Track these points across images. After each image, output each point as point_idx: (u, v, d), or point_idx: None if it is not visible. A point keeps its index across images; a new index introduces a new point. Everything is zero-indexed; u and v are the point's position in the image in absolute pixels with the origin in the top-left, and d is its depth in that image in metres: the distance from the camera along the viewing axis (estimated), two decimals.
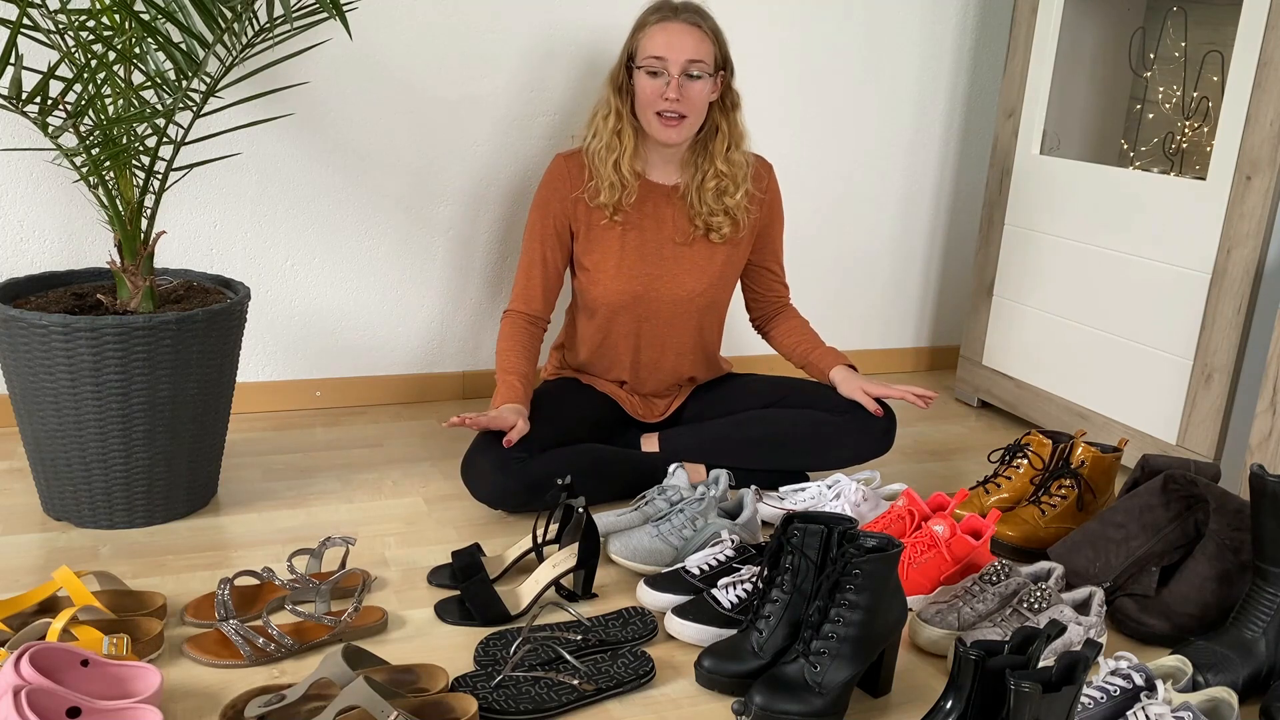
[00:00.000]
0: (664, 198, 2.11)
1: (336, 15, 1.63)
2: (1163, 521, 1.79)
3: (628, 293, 2.09)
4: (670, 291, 2.11)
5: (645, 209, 2.10)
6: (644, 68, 1.99)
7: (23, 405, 1.79)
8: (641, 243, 2.10)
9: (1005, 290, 2.70)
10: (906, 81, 2.84)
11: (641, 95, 2.01)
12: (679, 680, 1.52)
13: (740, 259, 2.19)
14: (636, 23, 2.04)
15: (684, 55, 1.97)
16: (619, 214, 2.08)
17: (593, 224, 2.10)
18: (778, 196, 2.21)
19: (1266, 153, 2.06)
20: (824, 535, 1.48)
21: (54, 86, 2.00)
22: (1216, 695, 1.42)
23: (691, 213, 2.10)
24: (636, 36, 2.03)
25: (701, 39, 1.99)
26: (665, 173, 2.12)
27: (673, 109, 1.98)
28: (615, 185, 2.05)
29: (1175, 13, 2.62)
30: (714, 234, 2.11)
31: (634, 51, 2.02)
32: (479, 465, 1.96)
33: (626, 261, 2.09)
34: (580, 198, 2.08)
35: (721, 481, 1.93)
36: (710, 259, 2.13)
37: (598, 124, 2.07)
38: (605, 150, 2.04)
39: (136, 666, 1.36)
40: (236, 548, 1.82)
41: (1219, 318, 2.17)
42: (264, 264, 2.38)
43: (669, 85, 1.97)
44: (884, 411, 2.12)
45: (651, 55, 1.98)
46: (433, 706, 1.35)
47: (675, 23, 1.99)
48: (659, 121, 2.00)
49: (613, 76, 2.07)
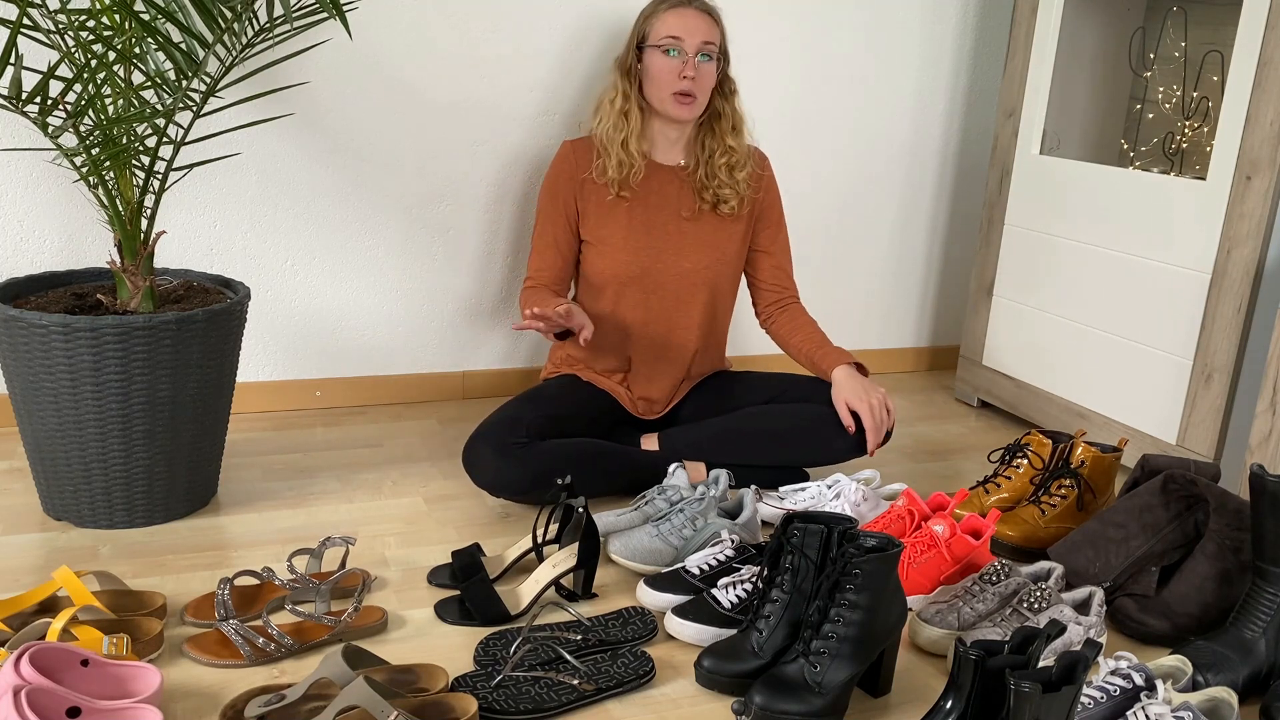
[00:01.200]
0: (670, 176, 2.19)
1: (336, 15, 1.63)
2: (1163, 521, 1.79)
3: (635, 264, 2.15)
4: (676, 265, 2.16)
5: (651, 186, 2.17)
6: (660, 47, 2.07)
7: (23, 405, 1.79)
8: (648, 218, 2.16)
9: (1005, 290, 2.70)
10: (906, 81, 2.84)
11: (657, 75, 2.09)
12: (679, 680, 1.52)
13: (743, 236, 2.23)
14: (645, 11, 2.14)
15: (699, 37, 2.07)
16: (625, 190, 2.15)
17: (600, 202, 2.16)
18: (775, 184, 2.28)
19: (1266, 153, 2.06)
20: (824, 535, 1.48)
21: (54, 86, 2.00)
22: (1216, 695, 1.42)
23: (700, 187, 2.17)
24: (649, 21, 2.12)
25: (712, 25, 2.11)
26: (670, 154, 2.20)
27: (688, 88, 2.07)
28: (624, 162, 2.13)
29: (1175, 13, 2.62)
30: (723, 205, 2.17)
31: (645, 34, 2.11)
32: (480, 452, 1.97)
33: (634, 235, 2.15)
34: (587, 178, 2.16)
35: (721, 481, 1.93)
36: (715, 233, 2.19)
37: (605, 107, 2.16)
38: (613, 130, 2.13)
39: (136, 666, 1.36)
40: (236, 548, 1.82)
41: (1219, 318, 2.17)
42: (264, 264, 2.38)
43: (685, 64, 2.06)
44: (855, 429, 2.10)
45: (668, 35, 2.07)
46: (433, 706, 1.35)
47: (689, 9, 2.10)
48: (674, 99, 2.09)
49: (620, 61, 2.16)
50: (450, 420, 2.49)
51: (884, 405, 2.08)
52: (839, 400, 2.10)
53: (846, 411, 2.09)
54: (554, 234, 2.19)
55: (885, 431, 2.09)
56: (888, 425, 2.09)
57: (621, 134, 2.12)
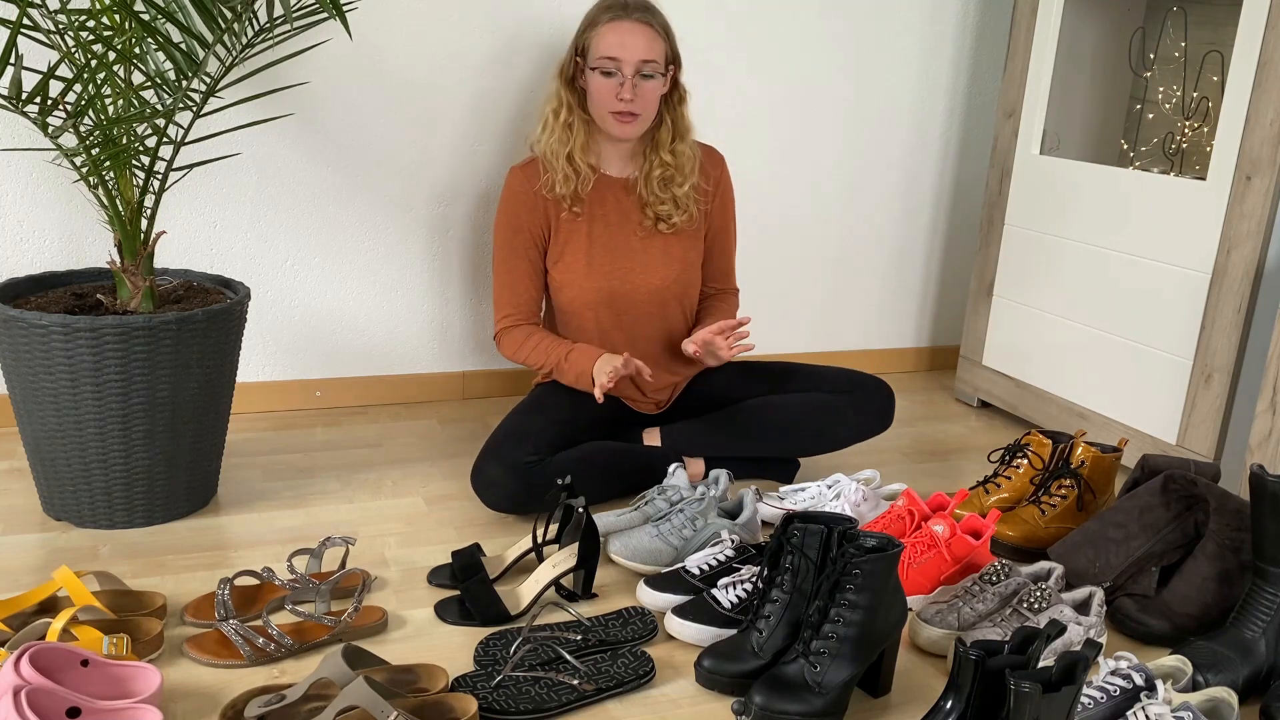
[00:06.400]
0: (622, 190, 2.13)
1: (336, 15, 1.63)
2: (1163, 521, 1.79)
3: (603, 289, 2.09)
4: (645, 283, 2.11)
5: (607, 202, 2.11)
6: (598, 68, 2.00)
7: (23, 405, 1.79)
8: (609, 236, 2.11)
9: (1005, 290, 2.70)
10: (906, 81, 2.84)
11: (596, 95, 2.02)
12: (679, 680, 1.52)
13: (700, 248, 2.19)
14: (587, 18, 2.05)
15: (637, 55, 1.98)
16: (577, 205, 2.09)
17: (560, 223, 2.10)
18: (728, 188, 2.21)
19: (1266, 153, 2.06)
20: (824, 535, 1.48)
21: (54, 86, 2.00)
22: (1216, 695, 1.42)
23: (642, 202, 2.12)
24: (588, 34, 2.03)
25: (653, 38, 2.01)
26: (619, 166, 2.14)
27: (627, 107, 2.00)
28: (569, 176, 2.06)
29: (1175, 13, 2.62)
30: (663, 224, 2.11)
31: (585, 48, 2.03)
32: (491, 474, 1.95)
33: (596, 258, 2.09)
34: (545, 197, 2.08)
35: (721, 481, 1.93)
36: (676, 246, 2.14)
37: (548, 118, 2.08)
38: (558, 144, 2.05)
39: (136, 666, 1.36)
40: (236, 548, 1.82)
41: (1219, 318, 2.17)
42: (264, 264, 2.38)
43: (623, 86, 1.99)
44: (700, 350, 2.03)
45: (605, 56, 1.99)
46: (433, 706, 1.35)
47: (626, 21, 2.00)
48: (614, 119, 2.02)
49: (561, 70, 2.07)
50: (450, 420, 2.49)
51: (728, 335, 2.01)
52: (685, 344, 2.04)
53: (687, 345, 2.03)
54: (524, 267, 2.10)
55: (726, 340, 2.00)
56: (726, 344, 2.00)
57: (566, 147, 2.04)
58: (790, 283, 2.89)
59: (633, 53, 1.98)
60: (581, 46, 2.04)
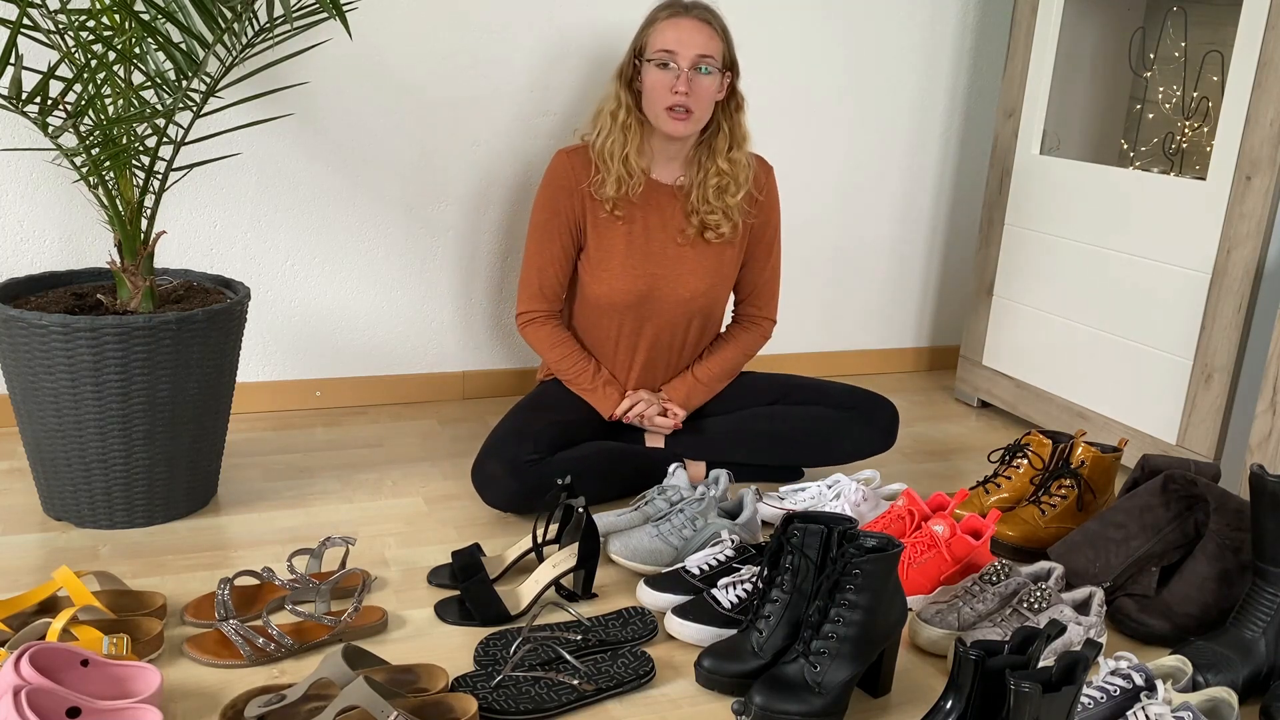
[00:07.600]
0: (668, 195, 2.11)
1: (336, 15, 1.63)
2: (1163, 521, 1.79)
3: (633, 291, 2.09)
4: (674, 293, 2.11)
5: (650, 205, 2.10)
6: (654, 60, 2.00)
7: (23, 405, 1.79)
8: (647, 240, 2.09)
9: (1005, 290, 2.70)
10: (906, 81, 2.84)
11: (650, 88, 2.01)
12: (679, 680, 1.52)
13: (736, 260, 2.18)
14: (646, 19, 2.06)
15: (694, 50, 1.98)
16: (620, 209, 2.08)
17: (597, 218, 2.09)
18: (775, 199, 2.21)
19: (1266, 153, 2.06)
20: (824, 535, 1.48)
21: (54, 86, 2.00)
22: (1216, 695, 1.42)
23: (689, 209, 2.10)
24: (646, 32, 2.04)
25: (711, 36, 2.01)
26: (668, 170, 2.12)
27: (681, 102, 1.99)
28: (623, 178, 2.05)
29: (1175, 13, 2.62)
30: (710, 233, 2.10)
31: (643, 46, 2.04)
32: (492, 472, 1.95)
33: (632, 259, 2.09)
34: (587, 191, 2.08)
35: (721, 481, 1.93)
36: (711, 257, 2.13)
37: (604, 119, 2.07)
38: (615, 145, 2.04)
39: (136, 666, 1.36)
40: (236, 548, 1.82)
41: (1219, 318, 2.17)
42: (264, 264, 2.38)
43: (679, 79, 1.98)
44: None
45: (662, 48, 1.99)
46: (433, 706, 1.35)
47: (686, 19, 2.00)
48: (667, 115, 2.00)
49: (620, 71, 2.07)
50: (450, 420, 2.49)
51: (653, 408, 2.13)
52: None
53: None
54: (557, 250, 2.10)
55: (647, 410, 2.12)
56: (647, 410, 2.12)
57: (623, 149, 2.04)
58: (790, 282, 2.88)
59: (689, 47, 1.98)
60: (640, 46, 2.04)
